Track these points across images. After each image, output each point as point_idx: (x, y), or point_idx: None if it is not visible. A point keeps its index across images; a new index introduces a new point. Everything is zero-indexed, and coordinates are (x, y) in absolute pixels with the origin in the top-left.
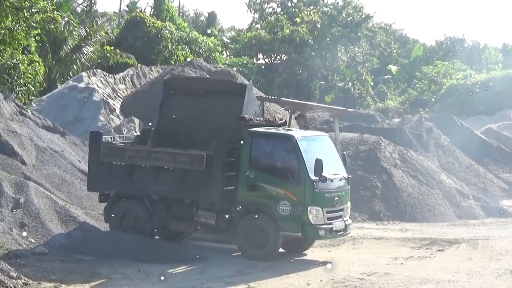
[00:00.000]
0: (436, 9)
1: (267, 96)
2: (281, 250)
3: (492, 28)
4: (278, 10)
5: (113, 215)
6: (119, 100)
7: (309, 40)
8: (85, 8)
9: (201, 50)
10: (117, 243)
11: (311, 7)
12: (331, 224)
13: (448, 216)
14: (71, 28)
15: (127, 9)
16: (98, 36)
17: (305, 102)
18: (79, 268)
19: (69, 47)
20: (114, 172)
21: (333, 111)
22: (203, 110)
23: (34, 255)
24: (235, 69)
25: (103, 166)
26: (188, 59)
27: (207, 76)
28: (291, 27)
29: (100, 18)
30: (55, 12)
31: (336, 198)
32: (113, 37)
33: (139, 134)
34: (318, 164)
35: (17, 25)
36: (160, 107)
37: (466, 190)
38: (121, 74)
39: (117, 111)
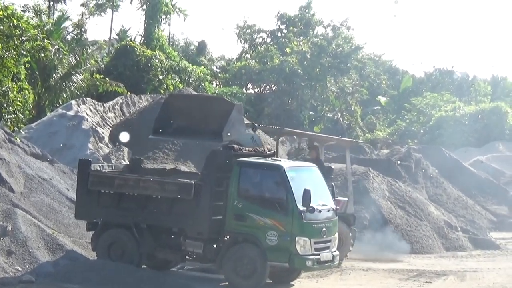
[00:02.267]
0: (425, 40)
1: (283, 128)
2: (268, 280)
3: (481, 60)
4: (268, 40)
5: (100, 244)
6: (108, 128)
7: (299, 71)
8: (75, 36)
9: (190, 79)
10: (104, 272)
11: (301, 37)
12: (319, 254)
13: (436, 247)
14: (61, 56)
15: (117, 37)
16: (88, 64)
17: (321, 135)
18: None
19: (58, 75)
20: (102, 201)
21: (344, 142)
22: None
23: (20, 283)
24: None
25: (91, 195)
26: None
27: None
28: (281, 57)
29: (90, 47)
30: (45, 40)
31: (324, 229)
32: (103, 65)
33: (128, 162)
34: (306, 194)
35: (7, 53)
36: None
37: (454, 222)
38: (111, 102)
39: (106, 139)
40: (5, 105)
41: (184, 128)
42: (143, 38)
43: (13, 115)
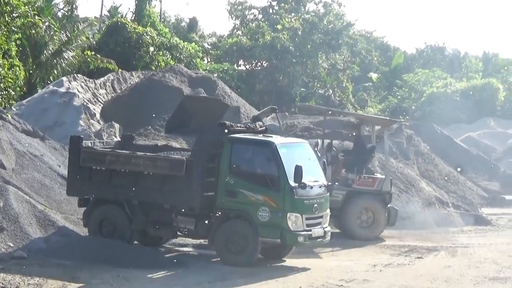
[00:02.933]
0: (417, 17)
1: (330, 108)
2: (260, 256)
3: (472, 36)
4: (259, 16)
5: (92, 220)
6: (100, 105)
7: (290, 47)
8: (66, 13)
9: (182, 56)
10: (96, 248)
11: (293, 14)
12: (310, 230)
13: (427, 223)
14: (52, 32)
15: (108, 14)
16: (79, 41)
17: (365, 114)
18: (57, 272)
19: (49, 52)
20: (93, 177)
21: (383, 122)
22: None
23: (12, 259)
24: (215, 75)
25: (83, 171)
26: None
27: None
28: (272, 33)
29: (81, 23)
30: (36, 17)
31: (316, 205)
32: (94, 42)
33: (120, 139)
34: (298, 170)
35: None
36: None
37: (446, 198)
38: (102, 79)
39: (97, 116)
40: None
41: (196, 126)
42: (134, 15)
43: (4, 92)
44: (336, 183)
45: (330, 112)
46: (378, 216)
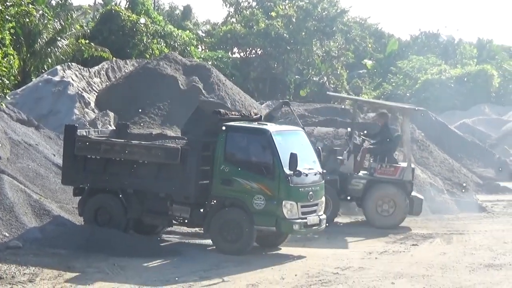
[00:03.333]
0: (411, 4)
1: (360, 98)
2: (255, 244)
3: (467, 23)
4: (254, 4)
5: (87, 209)
6: (94, 93)
7: (284, 34)
8: (60, 2)
9: (176, 43)
10: (91, 237)
11: (287, 1)
12: (306, 218)
13: (422, 210)
14: (46, 21)
15: (102, 2)
16: (73, 29)
17: (392, 103)
18: (53, 262)
19: (43, 40)
20: (88, 166)
21: (406, 110)
22: None
23: (8, 249)
24: (210, 63)
25: (78, 160)
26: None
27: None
28: (266, 21)
29: (75, 12)
30: (30, 5)
31: (311, 193)
32: (88, 30)
33: (114, 128)
34: (293, 158)
35: None
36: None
37: (441, 185)
38: (96, 67)
39: (92, 104)
40: None
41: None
42: (128, 3)
43: None
44: (365, 172)
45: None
46: (398, 205)
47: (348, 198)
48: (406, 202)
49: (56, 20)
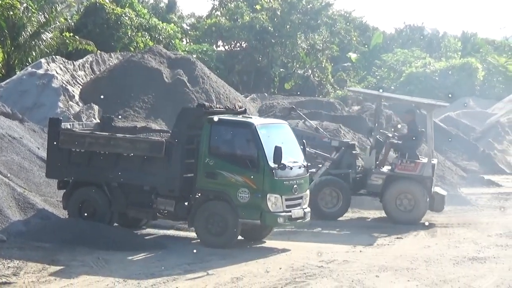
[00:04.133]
0: None
1: (383, 93)
2: (240, 237)
3: (451, 16)
4: None
5: (72, 202)
6: (79, 86)
7: (269, 27)
8: None
9: (161, 37)
10: (76, 230)
11: None
12: (290, 211)
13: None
14: (30, 14)
15: None
16: (57, 22)
17: (417, 99)
18: (37, 255)
19: (28, 34)
20: (73, 159)
21: (428, 106)
22: None
23: None
24: (194, 56)
25: (62, 153)
26: None
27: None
28: (251, 14)
29: (59, 5)
30: None
31: (295, 186)
32: (72, 23)
33: (99, 121)
34: (277, 151)
35: None
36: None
37: None
38: (81, 60)
39: (77, 98)
40: None
41: None
42: None
43: None
44: (389, 168)
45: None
46: (418, 201)
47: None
48: (426, 198)
49: (40, 13)
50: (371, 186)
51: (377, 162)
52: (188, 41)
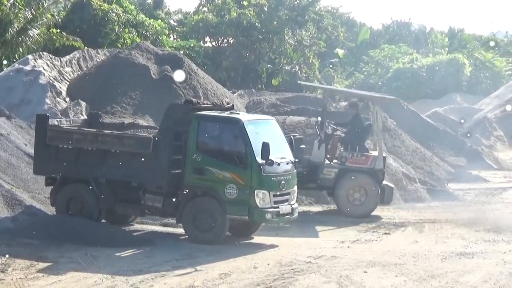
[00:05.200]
0: None
1: (331, 87)
2: (228, 233)
3: (438, 12)
4: None
5: (59, 199)
6: (66, 83)
7: (256, 24)
8: None
9: (148, 33)
10: (64, 227)
11: None
12: (278, 207)
13: (394, 199)
14: (17, 10)
15: None
16: (44, 18)
17: (364, 92)
18: (25, 252)
19: (14, 30)
20: (60, 156)
21: (376, 99)
22: None
23: None
24: (182, 52)
25: (50, 149)
26: None
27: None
28: (238, 10)
29: (46, 1)
30: None
31: (283, 182)
32: (59, 19)
33: (86, 117)
34: (265, 147)
35: None
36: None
37: (413, 174)
38: (68, 57)
39: (64, 94)
40: None
41: None
42: None
43: None
44: (336, 161)
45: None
46: (370, 194)
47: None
48: (377, 191)
49: (27, 9)
50: (323, 180)
51: (328, 156)
52: (175, 37)
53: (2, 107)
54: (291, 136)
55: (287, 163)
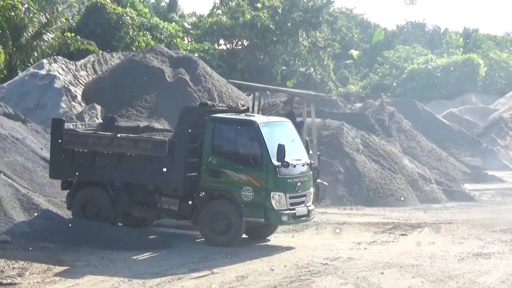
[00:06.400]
0: None
1: (254, 84)
2: (244, 236)
3: (452, 12)
4: None
5: (75, 203)
6: (81, 87)
7: (271, 25)
8: None
9: (162, 36)
10: (80, 231)
11: None
12: (294, 209)
13: (410, 200)
14: (32, 14)
15: None
16: (58, 22)
17: (290, 89)
18: (42, 256)
19: (29, 34)
20: (76, 159)
21: (309, 96)
22: None
23: None
24: (196, 55)
25: (65, 153)
26: None
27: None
28: (252, 12)
29: (61, 5)
30: None
31: (299, 184)
32: (74, 23)
33: (102, 121)
34: (281, 149)
35: None
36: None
37: (428, 174)
38: (82, 60)
39: (79, 98)
40: None
41: None
42: None
43: None
44: None
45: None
46: None
47: None
48: (312, 188)
49: (41, 14)
50: None
51: None
52: (189, 40)
53: (18, 111)
54: (307, 138)
55: (303, 165)
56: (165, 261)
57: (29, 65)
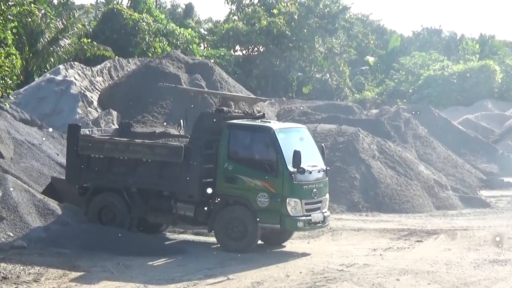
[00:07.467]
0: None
1: (193, 88)
2: (260, 242)
3: (469, 18)
4: (255, 1)
5: (91, 208)
6: (97, 92)
7: (287, 32)
8: (62, 1)
9: (178, 42)
10: (96, 236)
11: None
12: (310, 215)
13: (426, 207)
14: (48, 20)
15: (104, 1)
16: (75, 28)
17: (230, 93)
18: (58, 261)
19: (46, 40)
20: (92, 165)
21: (251, 100)
22: None
23: (12, 248)
24: (212, 61)
25: (81, 159)
26: None
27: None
28: (268, 18)
29: (77, 11)
30: (32, 5)
31: (315, 190)
32: (90, 29)
33: (118, 127)
34: (296, 156)
35: None
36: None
37: (444, 181)
38: (99, 66)
39: (95, 103)
40: None
41: None
42: (130, 1)
43: (1, 81)
44: None
45: (192, 94)
46: None
47: None
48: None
49: (58, 20)
50: None
51: None
52: (205, 46)
53: (34, 117)
54: (323, 144)
55: (319, 171)
56: (180, 267)
57: (45, 70)
